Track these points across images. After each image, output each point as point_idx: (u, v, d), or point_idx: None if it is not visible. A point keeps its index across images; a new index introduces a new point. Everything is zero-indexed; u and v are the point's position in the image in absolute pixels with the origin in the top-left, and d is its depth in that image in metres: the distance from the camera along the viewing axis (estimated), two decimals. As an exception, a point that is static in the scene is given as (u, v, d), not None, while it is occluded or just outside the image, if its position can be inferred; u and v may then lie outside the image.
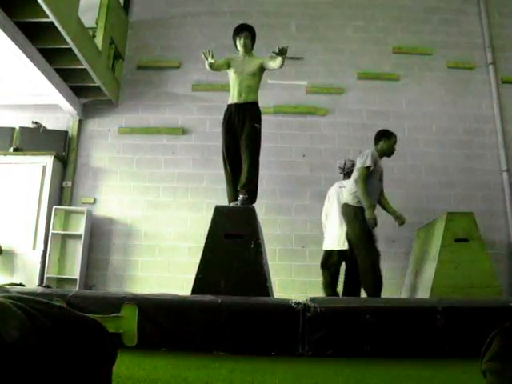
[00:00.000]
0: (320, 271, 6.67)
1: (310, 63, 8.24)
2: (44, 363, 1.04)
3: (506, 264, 7.35)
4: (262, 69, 5.19)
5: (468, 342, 2.62)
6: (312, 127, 7.94)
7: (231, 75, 5.27)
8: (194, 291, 4.19)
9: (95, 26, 7.50)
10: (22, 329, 1.02)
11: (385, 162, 7.71)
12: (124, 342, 2.76)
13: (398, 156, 7.72)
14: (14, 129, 7.76)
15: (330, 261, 6.30)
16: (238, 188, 5.01)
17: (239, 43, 5.26)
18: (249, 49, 5.27)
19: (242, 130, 5.07)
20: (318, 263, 7.00)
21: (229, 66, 5.26)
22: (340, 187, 6.44)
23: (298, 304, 2.80)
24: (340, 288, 6.18)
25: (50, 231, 7.14)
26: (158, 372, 2.17)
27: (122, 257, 7.45)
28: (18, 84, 7.29)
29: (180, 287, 6.53)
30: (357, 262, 5.74)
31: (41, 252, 7.07)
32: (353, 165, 6.31)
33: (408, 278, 6.95)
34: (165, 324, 2.79)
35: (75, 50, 6.49)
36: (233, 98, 5.21)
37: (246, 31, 5.27)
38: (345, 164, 6.57)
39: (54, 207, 7.23)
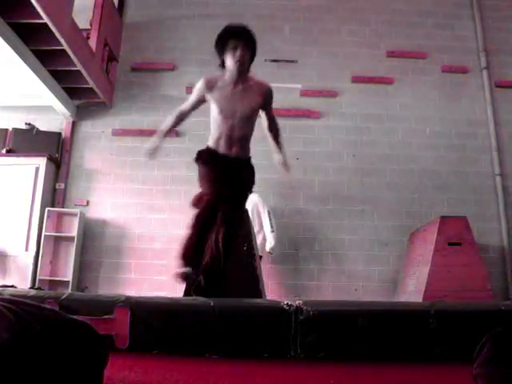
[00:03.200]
0: (313, 274, 6.78)
1: (303, 66, 8.25)
2: (34, 366, 1.03)
3: (498, 268, 7.37)
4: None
5: (460, 345, 2.62)
6: (306, 130, 7.94)
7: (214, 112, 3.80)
8: (186, 293, 4.18)
9: (89, 27, 7.49)
10: (12, 331, 1.02)
11: (378, 165, 7.75)
12: (116, 345, 2.75)
13: (391, 159, 7.77)
14: (6, 130, 7.73)
15: None
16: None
17: (232, 57, 3.72)
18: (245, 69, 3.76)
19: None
20: (311, 267, 7.07)
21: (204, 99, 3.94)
22: None
23: (291, 306, 2.79)
24: None
25: (43, 233, 7.11)
26: (150, 375, 2.16)
27: (114, 259, 7.43)
28: (11, 85, 7.27)
29: (173, 290, 6.52)
30: None
31: (33, 254, 7.04)
32: None
33: (401, 281, 6.96)
34: (157, 326, 2.78)
35: (69, 52, 6.48)
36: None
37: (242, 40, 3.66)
38: None
39: (47, 209, 7.21)
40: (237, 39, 3.67)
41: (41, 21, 5.77)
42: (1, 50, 5.97)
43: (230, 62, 3.71)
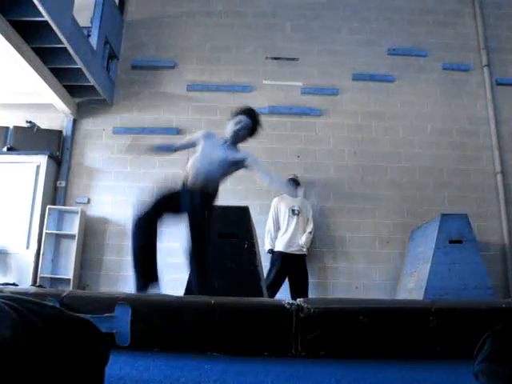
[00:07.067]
0: (314, 272, 6.84)
1: (304, 64, 8.24)
2: (36, 363, 1.03)
3: (499, 265, 7.37)
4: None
5: (460, 343, 2.62)
6: (307, 128, 7.94)
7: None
8: (187, 291, 4.19)
9: (90, 25, 7.49)
10: (14, 328, 1.02)
11: (379, 163, 7.74)
12: (117, 342, 2.75)
13: (392, 157, 7.76)
14: (7, 128, 7.74)
15: None
16: None
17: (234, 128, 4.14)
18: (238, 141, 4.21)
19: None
20: (312, 264, 7.08)
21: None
22: None
23: (292, 304, 2.80)
24: None
25: (44, 231, 7.12)
26: (151, 372, 2.16)
27: (115, 257, 7.44)
28: (13, 83, 7.27)
29: (174, 287, 6.51)
30: None
31: (34, 252, 7.05)
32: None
33: (402, 279, 6.96)
34: (158, 324, 2.78)
35: (70, 50, 6.48)
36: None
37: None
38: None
39: (48, 207, 7.22)
40: (246, 117, 4.14)
41: (42, 19, 5.77)
42: (2, 48, 5.98)
43: (229, 127, 4.15)
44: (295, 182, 7.09)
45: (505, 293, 7.17)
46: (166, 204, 4.10)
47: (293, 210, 7.04)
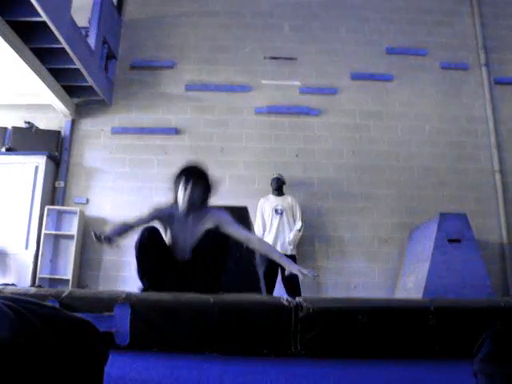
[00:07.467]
0: (312, 273, 6.82)
1: (303, 64, 8.25)
2: (35, 363, 1.03)
3: (497, 264, 7.37)
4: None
5: (460, 342, 2.62)
6: (305, 127, 7.94)
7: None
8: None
9: (88, 25, 7.48)
10: (13, 328, 1.02)
11: (378, 162, 7.75)
12: (116, 342, 2.75)
13: (390, 156, 7.76)
14: (6, 129, 7.73)
15: None
16: None
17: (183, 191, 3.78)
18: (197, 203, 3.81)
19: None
20: (311, 263, 7.05)
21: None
22: None
23: (290, 302, 2.79)
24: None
25: (43, 231, 7.11)
26: (150, 372, 2.16)
27: (114, 257, 7.42)
28: (11, 84, 7.26)
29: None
30: None
31: (33, 252, 7.04)
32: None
33: (401, 278, 6.97)
34: (157, 323, 2.78)
35: (68, 50, 6.47)
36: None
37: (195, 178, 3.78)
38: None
39: (47, 207, 7.21)
40: (189, 176, 3.77)
41: (40, 19, 5.76)
42: (0, 49, 5.96)
43: (180, 195, 3.80)
44: (279, 181, 7.10)
45: (503, 291, 7.17)
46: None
47: (276, 210, 7.00)
